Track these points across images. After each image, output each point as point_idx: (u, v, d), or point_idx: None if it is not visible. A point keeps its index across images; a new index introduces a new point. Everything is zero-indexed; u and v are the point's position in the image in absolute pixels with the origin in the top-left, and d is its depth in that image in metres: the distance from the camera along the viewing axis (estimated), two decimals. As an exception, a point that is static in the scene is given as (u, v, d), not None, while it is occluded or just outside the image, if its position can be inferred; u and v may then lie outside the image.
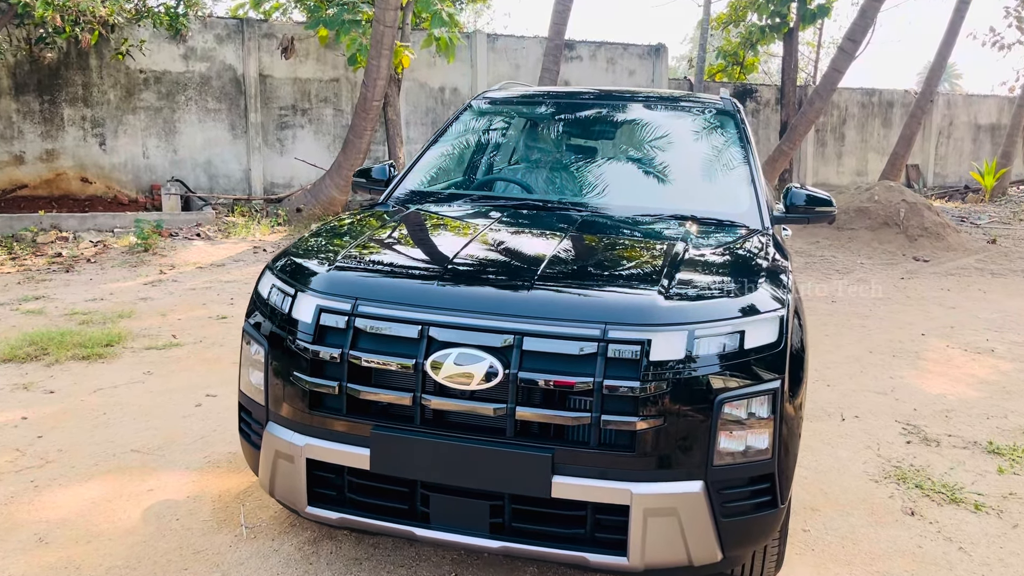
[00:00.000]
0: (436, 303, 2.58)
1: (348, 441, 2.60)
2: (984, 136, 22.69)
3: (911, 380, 5.75)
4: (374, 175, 4.13)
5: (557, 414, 2.46)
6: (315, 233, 3.33)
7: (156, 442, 4.13)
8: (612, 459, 2.46)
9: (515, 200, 3.76)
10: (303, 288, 2.76)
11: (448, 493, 2.57)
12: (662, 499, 2.46)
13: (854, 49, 14.54)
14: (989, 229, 14.10)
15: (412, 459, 2.54)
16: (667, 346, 2.47)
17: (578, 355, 2.45)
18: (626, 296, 2.63)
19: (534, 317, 2.51)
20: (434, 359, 2.48)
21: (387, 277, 2.79)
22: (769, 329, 2.62)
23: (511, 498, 2.53)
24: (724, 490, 2.54)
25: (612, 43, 17.49)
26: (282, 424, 2.73)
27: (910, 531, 3.59)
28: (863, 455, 4.40)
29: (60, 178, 13.25)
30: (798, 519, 3.65)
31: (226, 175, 14.31)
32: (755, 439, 2.57)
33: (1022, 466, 4.30)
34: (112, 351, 5.69)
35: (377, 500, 2.64)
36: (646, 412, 2.43)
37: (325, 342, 2.63)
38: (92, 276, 8.63)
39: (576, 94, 4.44)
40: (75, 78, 13.19)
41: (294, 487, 2.70)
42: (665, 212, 3.56)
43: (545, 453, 2.45)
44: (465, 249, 2.97)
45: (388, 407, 2.58)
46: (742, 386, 2.52)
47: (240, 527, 3.32)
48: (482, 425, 2.53)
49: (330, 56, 14.75)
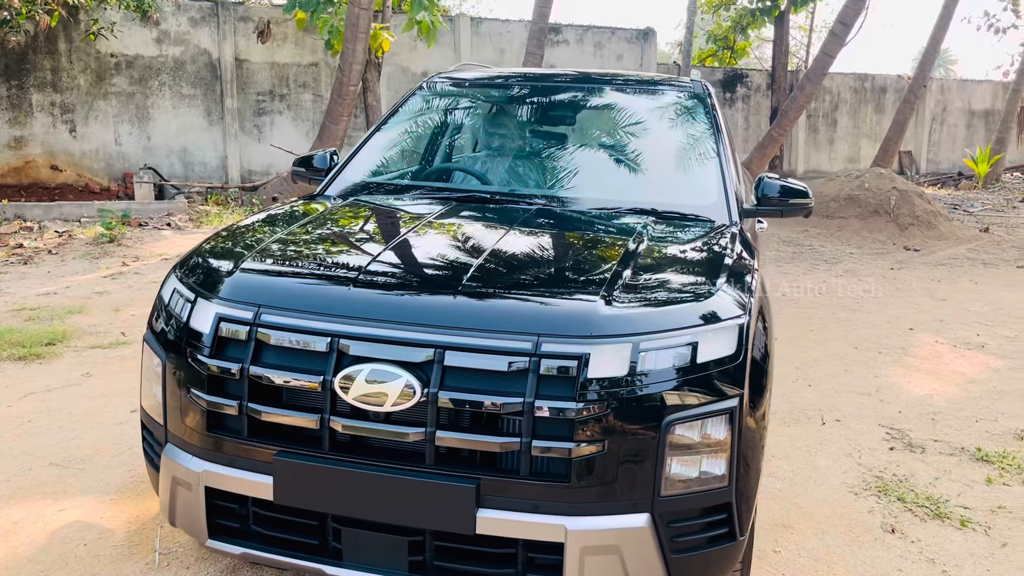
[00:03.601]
0: (347, 311, 2.27)
1: (250, 468, 2.30)
2: (978, 122, 22.40)
3: (897, 379, 5.46)
4: (315, 164, 3.80)
5: (482, 439, 2.16)
6: (232, 229, 3.00)
7: (80, 454, 3.82)
8: (544, 490, 2.16)
9: (461, 192, 3.45)
10: (203, 294, 2.45)
11: (363, 527, 2.27)
12: (601, 535, 2.17)
13: (845, 33, 14.18)
14: (982, 217, 13.82)
15: (319, 489, 2.24)
16: (608, 361, 2.17)
17: (506, 372, 2.15)
18: (563, 304, 2.32)
19: (458, 328, 2.20)
20: (344, 376, 2.18)
21: (296, 281, 2.48)
22: (727, 339, 2.32)
23: (433, 533, 2.23)
24: (674, 523, 2.24)
25: (600, 27, 17.12)
26: (180, 447, 2.43)
27: (890, 552, 3.30)
28: (843, 464, 4.11)
29: (29, 166, 12.88)
30: (769, 538, 3.36)
31: (202, 162, 13.94)
32: (710, 464, 2.27)
33: (1012, 475, 4.02)
34: (53, 351, 5.37)
35: (284, 534, 2.34)
36: (583, 436, 2.13)
37: (224, 355, 2.32)
38: (51, 268, 8.29)
39: (536, 77, 4.11)
40: (43, 62, 12.79)
41: (194, 517, 2.40)
42: (624, 205, 3.25)
43: (469, 484, 2.15)
44: (390, 249, 2.66)
45: (293, 430, 2.28)
46: (695, 405, 2.22)
47: (153, 553, 3.02)
48: (398, 451, 2.22)
49: (309, 40, 14.36)
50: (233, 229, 2.99)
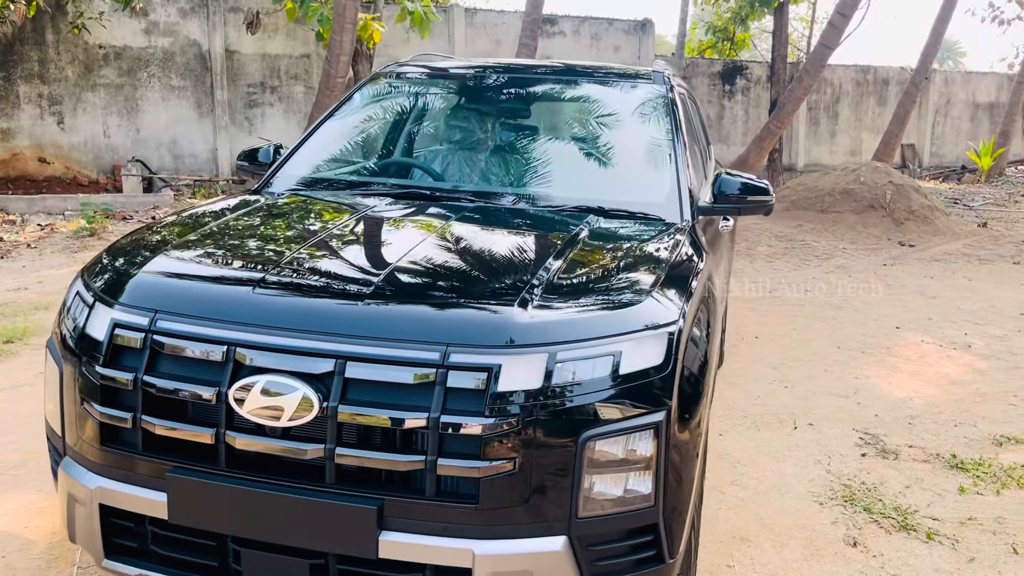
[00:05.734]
0: (246, 318, 2.12)
1: (145, 484, 2.16)
2: (983, 115, 22.07)
3: (877, 381, 5.29)
4: (259, 158, 3.65)
5: (385, 457, 2.01)
6: (149, 227, 2.85)
7: (14, 459, 3.69)
8: (452, 512, 2.01)
9: (400, 188, 3.29)
10: (102, 298, 2.30)
11: (264, 549, 2.12)
12: (512, 560, 2.02)
13: (844, 24, 13.93)
14: (982, 212, 13.60)
15: (215, 508, 2.10)
16: (520, 372, 2.01)
17: (412, 384, 2.00)
18: (475, 311, 2.17)
19: (362, 337, 2.05)
20: (239, 388, 2.03)
21: (197, 285, 2.33)
22: (654, 348, 2.16)
23: (336, 557, 2.09)
24: (595, 546, 2.09)
25: (596, 18, 16.90)
26: (78, 460, 2.29)
27: (850, 567, 3.14)
28: (811, 471, 3.95)
29: (16, 158, 12.75)
30: (724, 552, 3.21)
31: (192, 155, 13.80)
32: (635, 482, 2.12)
33: (986, 484, 3.86)
34: (10, 349, 5.24)
35: (183, 554, 2.20)
36: (492, 454, 1.98)
37: (119, 364, 2.18)
38: (27, 263, 8.17)
39: (490, 68, 3.94)
40: (31, 53, 12.65)
41: (90, 535, 2.26)
42: (569, 203, 3.09)
43: (371, 505, 2.00)
44: (304, 250, 2.51)
45: (189, 445, 2.13)
46: (617, 419, 2.06)
47: (73, 567, 2.89)
48: (297, 469, 2.08)
49: (300, 31, 14.18)
50: (150, 227, 2.84)
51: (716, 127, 18.84)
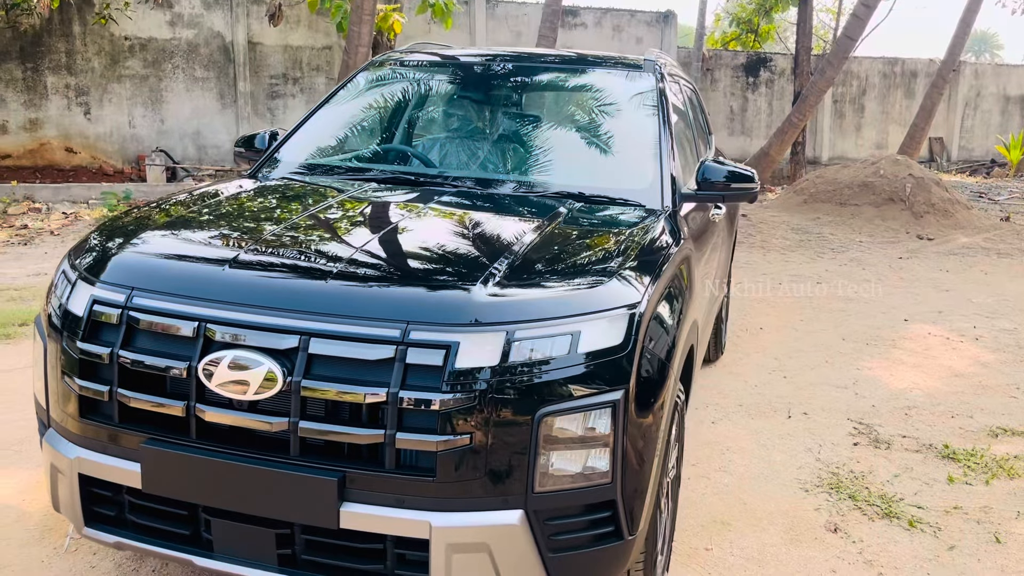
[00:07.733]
0: (217, 295, 2.19)
1: (120, 455, 2.24)
2: (1014, 108, 21.71)
3: (878, 372, 5.28)
4: (256, 144, 3.73)
5: (346, 431, 2.07)
6: (138, 209, 2.94)
7: (19, 435, 3.81)
8: (410, 485, 2.07)
9: (385, 173, 3.35)
10: (84, 276, 2.39)
11: (233, 518, 2.20)
12: (469, 532, 2.08)
13: (868, 15, 13.81)
14: (1007, 205, 13.40)
15: (185, 478, 2.18)
16: (478, 350, 2.07)
17: (373, 360, 2.06)
18: (436, 290, 2.22)
19: (325, 314, 2.12)
20: (208, 362, 2.11)
21: (172, 263, 2.41)
22: (613, 328, 2.20)
23: (302, 527, 2.16)
24: (551, 520, 2.14)
25: (618, 9, 16.86)
26: (60, 432, 2.38)
27: (827, 551, 3.17)
28: (800, 459, 3.97)
29: (44, 148, 13.01)
30: (704, 535, 3.25)
31: (215, 145, 14.00)
32: (593, 460, 2.17)
33: (977, 474, 3.85)
34: (24, 331, 5.38)
35: (157, 523, 2.28)
36: (450, 429, 2.04)
37: (97, 339, 2.26)
38: (48, 250, 8.36)
39: (484, 56, 3.98)
40: (58, 45, 12.90)
41: (71, 504, 2.35)
42: (550, 188, 3.13)
43: (332, 476, 2.07)
44: (278, 231, 2.58)
45: (162, 417, 2.21)
46: (573, 397, 2.11)
47: (65, 538, 2.99)
48: (263, 441, 2.15)
49: (322, 23, 14.31)
50: (138, 209, 2.93)
51: (739, 119, 18.72)
